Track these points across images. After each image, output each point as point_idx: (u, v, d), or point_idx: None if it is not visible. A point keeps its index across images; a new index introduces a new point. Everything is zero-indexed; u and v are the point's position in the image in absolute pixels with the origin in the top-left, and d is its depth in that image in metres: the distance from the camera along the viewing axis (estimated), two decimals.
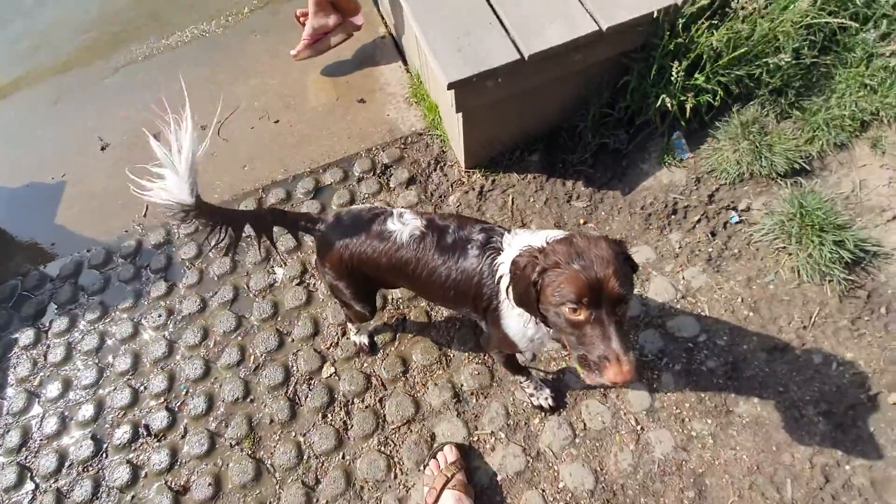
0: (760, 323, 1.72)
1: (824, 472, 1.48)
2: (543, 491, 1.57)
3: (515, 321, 1.28)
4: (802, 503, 1.45)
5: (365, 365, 1.87)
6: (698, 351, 1.71)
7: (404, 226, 1.37)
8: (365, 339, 1.86)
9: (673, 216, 1.97)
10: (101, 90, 3.02)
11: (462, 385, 1.78)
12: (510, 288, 1.18)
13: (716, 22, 1.81)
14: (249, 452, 1.76)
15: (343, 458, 1.71)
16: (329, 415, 1.79)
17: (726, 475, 1.52)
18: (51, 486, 1.80)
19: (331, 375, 1.87)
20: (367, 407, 1.79)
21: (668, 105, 1.82)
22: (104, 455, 1.83)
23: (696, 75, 1.83)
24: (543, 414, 1.67)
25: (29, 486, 1.82)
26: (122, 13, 3.43)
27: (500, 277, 1.24)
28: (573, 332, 1.03)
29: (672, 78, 1.79)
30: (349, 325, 1.86)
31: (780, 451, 1.53)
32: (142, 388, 1.95)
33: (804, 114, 1.86)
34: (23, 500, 1.79)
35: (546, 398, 1.65)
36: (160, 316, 2.09)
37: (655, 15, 1.76)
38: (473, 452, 1.64)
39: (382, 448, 1.71)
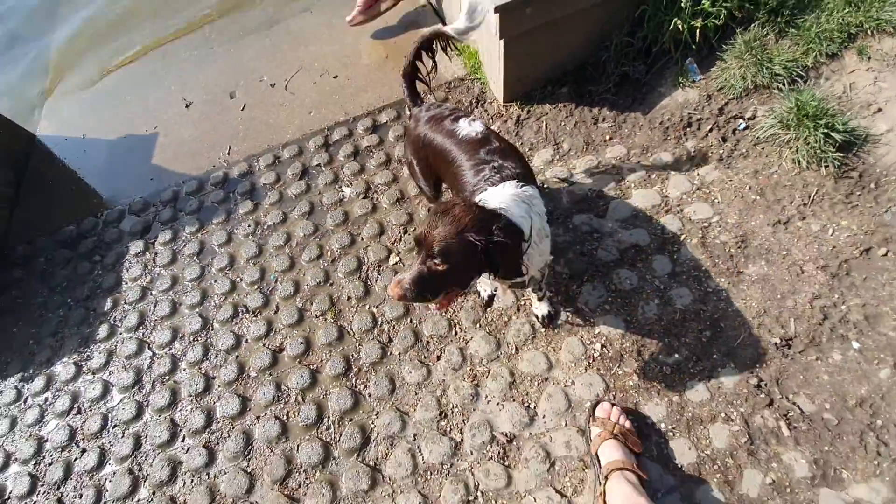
0: (766, 204, 2.00)
1: (823, 311, 1.75)
2: (581, 336, 1.87)
3: None
4: (804, 336, 1.72)
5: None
6: (712, 228, 2.01)
7: (469, 127, 1.63)
8: None
9: (688, 128, 2.28)
10: (182, 61, 3.50)
11: None
12: None
13: None
14: (332, 320, 2.10)
15: (410, 322, 2.04)
16: None
17: (738, 318, 1.80)
18: (166, 353, 2.17)
19: (396, 263, 2.21)
20: None
21: (679, 27, 2.15)
22: (210, 328, 2.20)
23: (703, 1, 2.16)
24: (580, 279, 1.98)
25: (147, 353, 2.19)
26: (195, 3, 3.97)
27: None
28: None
29: (682, 4, 2.12)
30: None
31: (784, 298, 1.80)
32: (238, 279, 2.32)
33: (799, 30, 2.17)
34: (143, 364, 2.16)
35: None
36: (249, 226, 2.48)
37: None
38: None
39: (444, 314, 2.03)
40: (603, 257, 2.02)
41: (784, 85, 2.15)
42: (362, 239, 2.32)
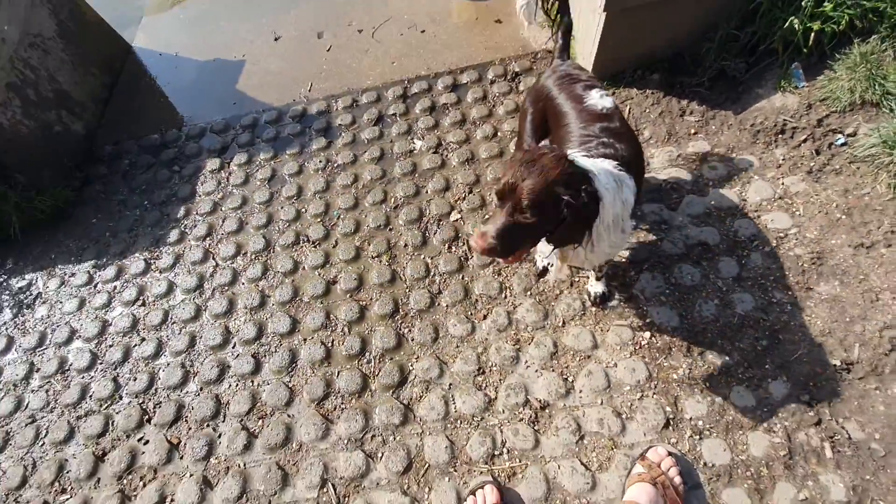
0: (851, 225, 1.91)
1: (891, 342, 1.67)
2: (631, 323, 1.86)
3: None
4: (867, 363, 1.65)
5: (487, 216, 2.23)
6: (788, 240, 1.93)
7: (599, 100, 1.56)
8: None
9: (780, 135, 2.18)
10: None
11: None
12: None
13: None
14: (387, 263, 2.17)
15: (463, 278, 2.08)
16: (453, 247, 2.17)
17: (799, 334, 1.74)
18: (229, 265, 2.30)
19: (457, 220, 2.25)
20: None
21: (795, 26, 2.04)
22: (272, 250, 2.31)
23: (825, 3, 2.04)
24: (640, 266, 1.96)
25: (211, 262, 2.33)
26: None
27: None
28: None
29: (802, 3, 2.01)
30: None
31: (853, 323, 1.73)
32: (304, 209, 2.42)
33: None
34: (206, 272, 2.30)
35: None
36: (320, 162, 2.56)
37: None
38: (511, 493, 1.61)
39: (496, 276, 2.06)
40: (667, 249, 1.99)
41: (895, 105, 2.02)
42: (427, 192, 2.36)
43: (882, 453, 1.52)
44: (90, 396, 2.03)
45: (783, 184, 2.07)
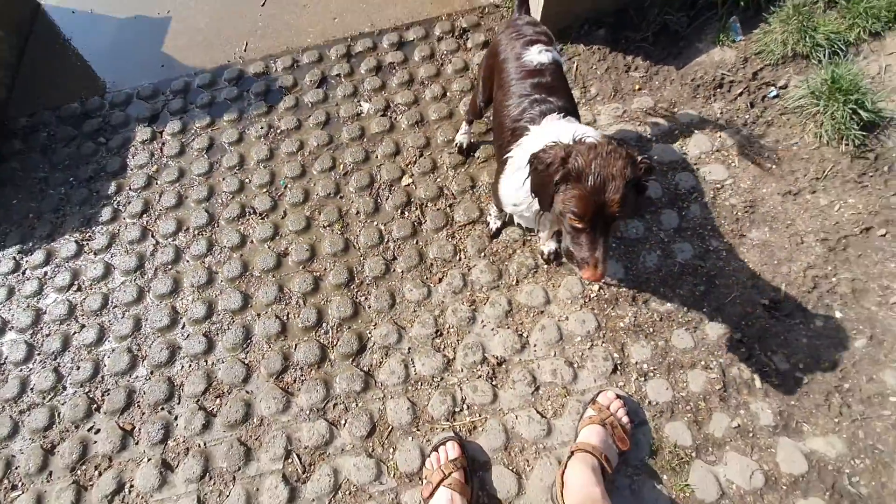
0: (780, 174, 2.03)
1: (814, 280, 1.82)
2: (581, 278, 1.92)
3: (509, 183, 1.48)
4: (792, 301, 1.80)
5: (438, 179, 2.21)
6: (724, 190, 2.03)
7: (536, 56, 1.56)
8: (465, 140, 2.18)
9: (718, 89, 2.25)
10: None
11: None
12: (529, 176, 1.31)
13: None
14: (339, 232, 2.12)
15: (416, 243, 2.07)
16: (406, 212, 2.15)
17: (732, 278, 1.87)
18: (170, 243, 2.18)
19: (409, 185, 2.21)
20: (438, 209, 2.13)
21: None
22: (216, 224, 2.21)
23: None
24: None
25: (150, 241, 2.20)
26: None
27: (519, 145, 1.42)
28: (571, 232, 1.24)
29: None
30: (463, 125, 2.17)
31: (780, 265, 1.87)
32: (247, 180, 2.31)
33: (848, 2, 2.11)
34: (146, 251, 2.18)
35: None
36: (262, 128, 2.43)
37: None
38: (473, 445, 1.66)
39: (450, 239, 2.06)
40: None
41: (823, 57, 2.12)
42: (377, 157, 2.30)
43: (805, 380, 1.68)
44: (31, 389, 1.93)
45: (720, 136, 2.15)
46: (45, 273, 2.19)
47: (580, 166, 1.15)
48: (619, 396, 1.65)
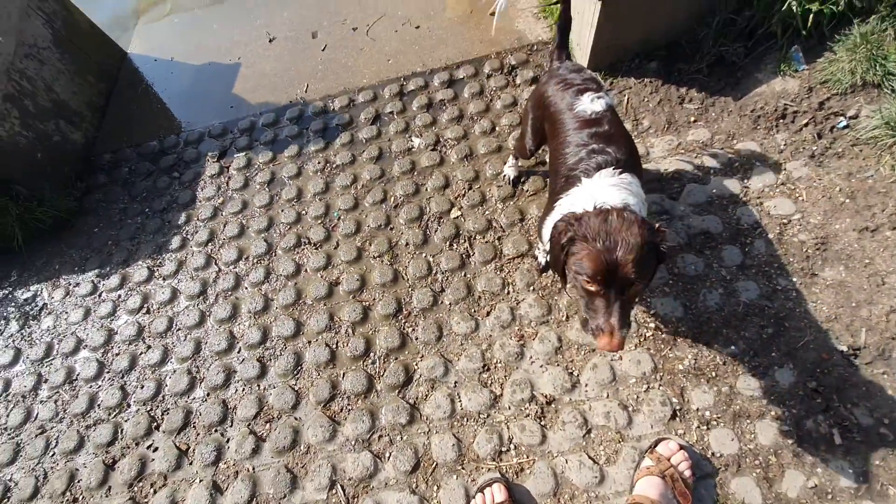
0: (855, 209, 1.89)
1: None
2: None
3: (551, 226, 1.42)
4: (874, 348, 1.64)
5: (487, 212, 2.22)
6: (791, 226, 1.92)
7: (589, 104, 1.55)
8: (513, 173, 2.20)
9: (781, 120, 2.16)
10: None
11: None
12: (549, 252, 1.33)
13: None
14: (389, 263, 2.16)
15: (465, 275, 2.07)
16: (455, 245, 2.16)
17: (805, 321, 1.73)
18: (231, 270, 2.30)
19: (458, 217, 2.24)
20: (486, 242, 2.14)
21: (793, 8, 2.01)
22: (274, 253, 2.31)
23: None
24: None
25: (213, 268, 2.33)
26: None
27: (569, 194, 1.41)
28: (584, 297, 1.20)
29: None
30: (510, 158, 2.20)
31: (859, 308, 1.72)
32: (304, 212, 2.41)
33: None
34: (209, 277, 2.30)
35: None
36: (319, 163, 2.56)
37: None
38: (520, 489, 1.60)
39: (499, 272, 2.05)
40: (669, 240, 1.97)
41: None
42: (426, 189, 2.35)
43: (892, 438, 1.51)
44: (98, 405, 2.05)
45: (785, 169, 2.05)
46: (119, 296, 2.35)
47: (589, 230, 1.15)
48: (681, 447, 1.54)
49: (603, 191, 1.33)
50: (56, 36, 2.87)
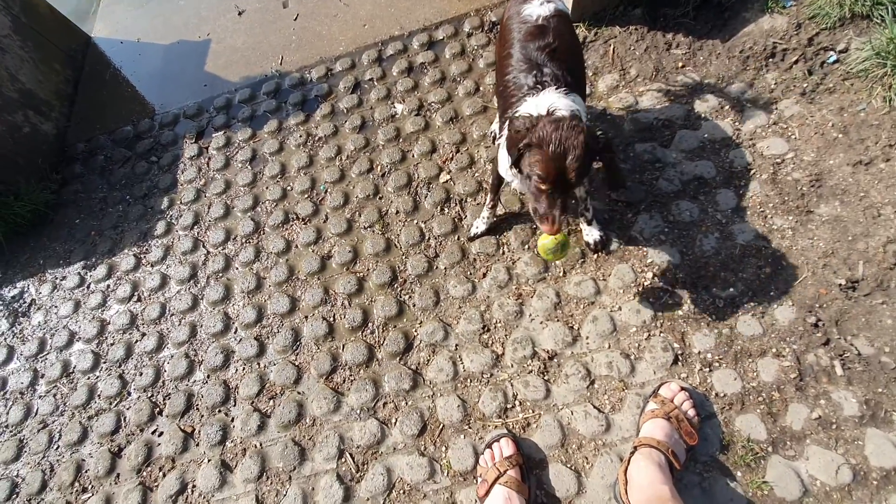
0: (848, 143, 1.87)
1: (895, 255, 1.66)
2: (633, 265, 1.84)
3: (504, 152, 1.52)
4: (872, 279, 1.64)
5: (477, 174, 2.18)
6: (785, 165, 1.89)
7: (536, 9, 1.53)
8: (499, 128, 2.13)
9: (771, 59, 2.11)
10: None
11: None
12: (505, 136, 1.44)
13: None
14: (380, 232, 2.12)
15: (458, 239, 2.04)
16: (446, 209, 2.12)
17: (802, 257, 1.73)
18: (220, 252, 2.25)
19: (447, 181, 2.19)
20: (478, 204, 2.10)
21: None
22: (262, 231, 2.26)
23: None
24: (636, 207, 1.92)
25: (202, 251, 2.28)
26: None
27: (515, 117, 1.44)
28: (535, 192, 1.35)
29: None
30: (497, 117, 2.05)
31: (856, 241, 1.71)
32: (289, 187, 2.35)
33: None
34: (198, 260, 2.25)
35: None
36: (300, 136, 2.48)
37: None
38: (527, 442, 1.60)
39: (492, 233, 2.02)
40: (663, 187, 1.95)
41: (886, 14, 1.94)
42: (413, 155, 2.30)
43: (893, 366, 1.52)
44: (98, 396, 2.02)
45: (777, 108, 2.01)
46: (108, 286, 2.30)
47: (542, 136, 1.27)
48: (683, 388, 1.55)
49: (553, 100, 1.40)
50: (15, 22, 2.73)
